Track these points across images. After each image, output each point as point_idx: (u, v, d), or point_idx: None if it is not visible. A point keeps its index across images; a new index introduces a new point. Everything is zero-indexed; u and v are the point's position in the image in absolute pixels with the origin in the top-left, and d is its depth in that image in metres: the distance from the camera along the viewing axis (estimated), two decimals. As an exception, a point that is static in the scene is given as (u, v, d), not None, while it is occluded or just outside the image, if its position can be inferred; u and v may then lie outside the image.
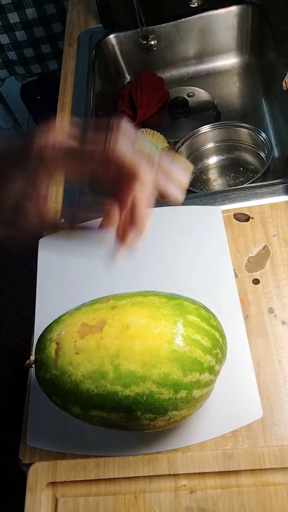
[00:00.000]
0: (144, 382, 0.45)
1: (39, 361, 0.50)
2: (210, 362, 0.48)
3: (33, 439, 0.61)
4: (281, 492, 0.52)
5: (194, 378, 0.46)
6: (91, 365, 0.46)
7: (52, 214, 0.44)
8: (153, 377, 0.45)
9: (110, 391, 0.45)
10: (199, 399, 0.49)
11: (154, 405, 0.46)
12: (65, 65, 1.11)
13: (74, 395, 0.47)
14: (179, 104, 1.05)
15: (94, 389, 0.46)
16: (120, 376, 0.45)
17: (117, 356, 0.46)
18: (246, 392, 0.58)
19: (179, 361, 0.46)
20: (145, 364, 0.45)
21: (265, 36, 1.04)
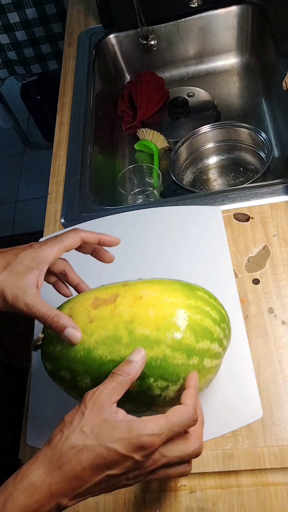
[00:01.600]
0: (158, 346, 0.45)
1: (48, 337, 0.50)
2: (219, 334, 0.49)
3: (33, 439, 0.61)
4: (281, 492, 0.52)
5: (205, 346, 0.47)
6: (106, 331, 0.47)
7: None
8: (167, 341, 0.46)
9: (124, 356, 0.46)
10: (209, 371, 0.48)
11: (167, 370, 0.45)
12: (65, 65, 1.11)
13: (85, 364, 0.47)
14: (179, 104, 1.05)
15: (107, 354, 0.46)
16: (135, 340, 0.46)
17: (131, 322, 0.46)
18: (246, 392, 0.58)
19: (191, 327, 0.47)
20: (159, 328, 0.46)
21: (265, 36, 1.04)
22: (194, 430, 0.45)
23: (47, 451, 0.40)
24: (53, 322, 0.47)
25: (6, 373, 1.03)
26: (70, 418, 0.41)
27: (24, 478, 0.38)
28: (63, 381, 0.49)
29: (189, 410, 0.43)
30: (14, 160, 2.29)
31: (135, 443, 0.39)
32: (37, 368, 0.66)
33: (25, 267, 0.48)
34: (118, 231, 0.77)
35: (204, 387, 0.51)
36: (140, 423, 0.41)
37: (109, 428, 0.40)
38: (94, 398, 0.42)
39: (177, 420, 0.42)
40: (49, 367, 0.50)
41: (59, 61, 1.64)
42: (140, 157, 1.05)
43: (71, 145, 0.93)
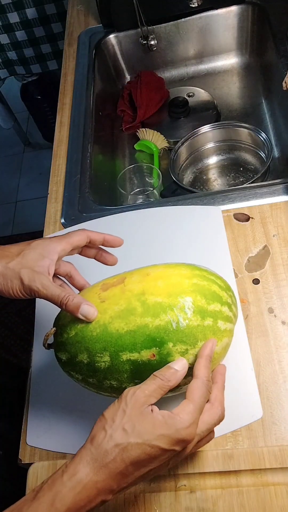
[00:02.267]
0: (172, 310, 0.47)
1: (60, 327, 0.51)
2: (227, 299, 0.50)
3: (33, 439, 0.61)
4: (281, 492, 0.52)
5: (216, 308, 0.48)
6: (118, 306, 0.48)
7: None
8: (180, 304, 0.47)
9: (140, 325, 0.47)
10: (224, 333, 0.49)
11: (184, 332, 0.46)
12: (65, 65, 1.11)
13: (103, 340, 0.47)
14: (179, 104, 1.05)
15: (124, 326, 0.47)
16: (148, 308, 0.47)
17: (142, 294, 0.48)
18: (246, 392, 0.58)
19: (200, 292, 0.48)
20: (170, 294, 0.47)
21: (265, 36, 1.04)
22: (216, 397, 0.47)
23: (91, 449, 0.41)
24: (68, 300, 0.48)
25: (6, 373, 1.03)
26: (111, 415, 0.42)
27: (72, 476, 0.40)
28: (80, 367, 0.49)
29: (203, 382, 0.45)
30: (14, 160, 2.29)
31: (176, 437, 0.41)
32: (37, 368, 0.67)
33: (38, 255, 0.51)
34: (118, 231, 0.76)
35: (223, 353, 0.51)
36: (175, 418, 0.42)
37: (149, 426, 0.41)
38: (135, 397, 0.43)
39: (199, 397, 0.44)
40: (65, 357, 0.50)
41: (59, 61, 1.64)
42: (140, 157, 1.05)
43: (71, 145, 0.93)
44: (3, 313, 1.75)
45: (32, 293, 0.49)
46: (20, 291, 0.49)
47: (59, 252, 0.52)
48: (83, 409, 0.61)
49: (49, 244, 0.52)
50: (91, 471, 0.40)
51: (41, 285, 0.49)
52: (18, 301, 1.75)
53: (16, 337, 1.69)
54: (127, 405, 0.42)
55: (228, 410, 0.57)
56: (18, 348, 1.67)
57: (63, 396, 0.63)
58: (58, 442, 0.60)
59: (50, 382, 0.64)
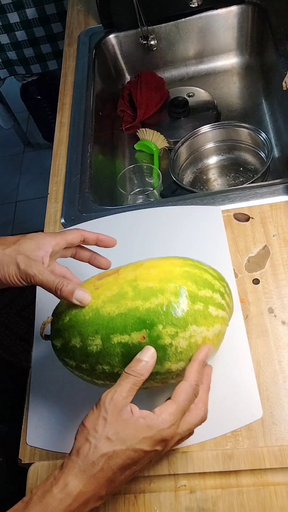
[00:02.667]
0: (162, 294, 0.48)
1: (56, 315, 0.52)
2: (220, 287, 0.51)
3: (33, 439, 0.61)
4: (281, 492, 0.52)
5: (208, 294, 0.49)
6: (111, 292, 0.49)
7: None
8: (170, 289, 0.48)
9: (131, 308, 0.47)
10: (215, 319, 0.49)
11: (174, 315, 0.47)
12: (65, 65, 1.11)
13: (95, 324, 0.48)
14: (179, 104, 1.05)
15: (115, 310, 0.48)
16: (139, 292, 0.48)
17: (135, 280, 0.49)
18: (246, 392, 0.58)
19: (191, 278, 0.49)
20: (161, 280, 0.49)
21: (265, 36, 1.04)
22: (200, 398, 0.47)
23: (77, 462, 0.42)
24: (63, 286, 0.49)
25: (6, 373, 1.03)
26: (93, 424, 0.43)
27: (62, 489, 0.41)
28: (74, 353, 0.50)
29: (191, 385, 0.45)
30: (14, 160, 2.29)
31: (157, 438, 0.43)
32: (37, 368, 0.67)
33: (33, 245, 0.53)
34: (118, 231, 0.77)
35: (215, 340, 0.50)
36: (157, 419, 0.43)
37: (132, 430, 0.42)
38: (114, 402, 0.43)
39: (184, 399, 0.45)
40: (59, 343, 0.51)
41: (59, 61, 1.64)
42: (140, 157, 1.05)
43: (71, 145, 0.93)
44: (3, 313, 1.75)
45: (28, 278, 0.50)
46: (16, 276, 0.50)
47: (54, 245, 0.54)
48: (83, 409, 0.61)
49: (44, 237, 0.54)
50: (80, 482, 0.41)
51: (37, 271, 0.50)
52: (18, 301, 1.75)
53: (16, 337, 1.70)
54: (107, 412, 0.43)
55: (228, 410, 0.57)
56: (18, 348, 1.67)
57: (63, 396, 0.63)
58: (58, 442, 0.60)
59: (50, 382, 0.64)
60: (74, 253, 0.59)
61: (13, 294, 1.78)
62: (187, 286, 0.48)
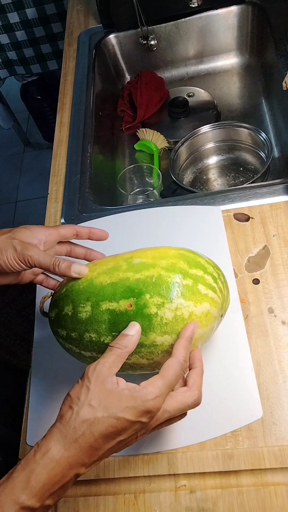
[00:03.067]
0: (153, 268, 0.50)
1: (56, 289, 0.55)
2: (213, 272, 0.52)
3: (33, 439, 0.61)
4: (281, 492, 0.52)
5: (199, 273, 0.51)
6: (107, 266, 0.52)
7: None
8: (162, 265, 0.50)
9: (122, 278, 0.50)
10: (205, 298, 0.49)
11: (162, 286, 0.48)
12: (65, 65, 1.11)
13: (87, 292, 0.51)
14: (179, 104, 1.05)
15: (107, 279, 0.51)
16: (132, 266, 0.51)
17: (130, 257, 0.52)
18: (246, 392, 0.58)
19: (184, 259, 0.51)
20: (155, 258, 0.51)
21: (265, 36, 1.04)
22: (194, 381, 0.48)
23: (60, 427, 0.43)
24: (60, 262, 0.51)
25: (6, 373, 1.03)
26: (76, 393, 0.44)
27: (44, 454, 0.41)
28: (65, 321, 0.51)
29: (179, 361, 0.46)
30: (14, 160, 2.29)
31: (141, 409, 0.43)
32: (37, 368, 0.67)
33: (27, 233, 0.55)
34: (118, 231, 0.77)
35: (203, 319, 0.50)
36: (141, 390, 0.43)
37: (115, 399, 0.43)
38: (97, 372, 0.44)
39: (171, 374, 0.45)
40: (54, 313, 0.53)
41: (59, 61, 1.64)
42: (140, 157, 1.05)
43: (71, 145, 0.93)
44: (3, 313, 1.75)
45: (26, 259, 0.52)
46: (14, 258, 0.52)
47: (47, 235, 0.56)
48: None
49: (38, 227, 0.57)
50: (62, 447, 0.42)
51: (33, 252, 0.52)
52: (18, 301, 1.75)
53: (16, 337, 1.69)
54: (90, 382, 0.44)
55: (228, 410, 0.57)
56: (18, 348, 1.67)
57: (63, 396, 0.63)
58: (58, 442, 0.60)
59: (50, 382, 0.64)
60: (69, 250, 0.61)
61: (13, 294, 1.77)
62: (179, 263, 0.50)
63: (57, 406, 0.62)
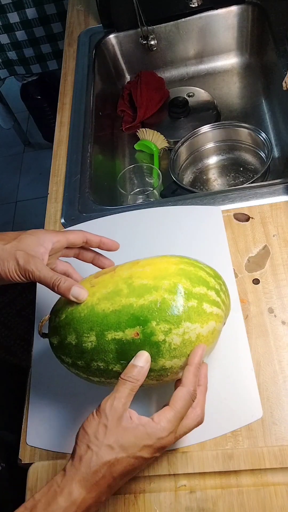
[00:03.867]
0: (156, 291, 0.48)
1: (53, 313, 0.53)
2: (215, 285, 0.51)
3: (33, 439, 0.61)
4: (281, 492, 0.52)
5: (202, 291, 0.49)
6: (106, 289, 0.50)
7: None
8: (164, 286, 0.48)
9: (125, 304, 0.48)
10: (210, 316, 0.49)
11: (167, 311, 0.47)
12: (65, 65, 1.11)
13: (89, 321, 0.49)
14: (179, 104, 1.05)
15: (109, 306, 0.48)
16: (134, 290, 0.49)
17: (130, 277, 0.50)
18: (246, 392, 0.58)
19: (186, 276, 0.49)
20: (156, 277, 0.49)
21: (265, 36, 1.04)
22: (198, 401, 0.48)
23: (81, 469, 0.43)
24: (60, 282, 0.50)
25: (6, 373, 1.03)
26: (94, 431, 0.44)
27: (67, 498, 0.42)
28: (69, 349, 0.50)
29: (189, 391, 0.46)
30: (14, 160, 2.29)
31: (157, 446, 0.44)
32: (37, 368, 0.67)
33: (34, 240, 0.53)
34: (118, 231, 0.77)
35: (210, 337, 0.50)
36: (155, 427, 0.44)
37: (132, 438, 0.43)
38: (114, 409, 0.44)
39: (182, 406, 0.45)
40: (56, 340, 0.51)
41: (59, 61, 1.64)
42: (140, 157, 1.05)
43: (71, 145, 0.93)
44: (3, 313, 1.75)
45: (27, 274, 0.51)
46: (16, 271, 0.51)
47: (54, 242, 0.54)
48: (83, 409, 0.61)
49: (45, 234, 0.54)
50: (83, 490, 0.42)
51: (35, 267, 0.50)
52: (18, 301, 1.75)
53: (16, 337, 1.69)
54: (108, 419, 0.43)
55: (228, 410, 0.57)
56: (18, 348, 1.67)
57: (63, 396, 0.63)
58: (58, 442, 0.60)
59: (50, 382, 0.64)
60: (77, 253, 0.59)
61: (13, 294, 1.78)
62: (181, 283, 0.49)
63: (57, 406, 0.62)
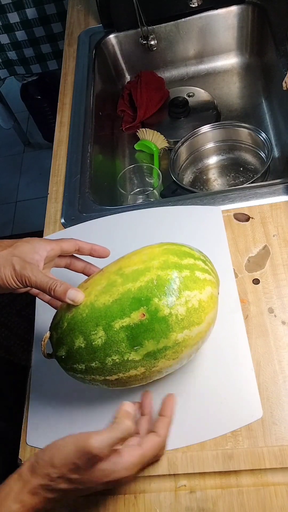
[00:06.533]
0: (149, 271, 0.50)
1: (53, 327, 0.53)
2: (200, 256, 0.54)
3: (33, 439, 0.61)
4: (281, 492, 0.52)
5: (190, 261, 0.52)
6: (100, 286, 0.51)
7: None
8: (155, 265, 0.50)
9: (124, 291, 0.49)
10: (205, 282, 0.51)
11: (165, 286, 0.49)
12: (65, 65, 1.11)
13: (93, 318, 0.49)
14: (179, 104, 1.05)
15: (109, 298, 0.49)
16: (127, 277, 0.50)
17: (120, 269, 0.51)
18: (246, 392, 0.58)
19: (171, 252, 0.52)
20: (144, 261, 0.51)
21: (265, 36, 1.04)
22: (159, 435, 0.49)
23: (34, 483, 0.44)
24: (56, 286, 0.50)
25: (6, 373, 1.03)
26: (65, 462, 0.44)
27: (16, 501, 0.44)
28: (80, 354, 0.49)
29: (163, 441, 0.48)
30: (14, 160, 2.29)
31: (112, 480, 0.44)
32: (37, 368, 0.67)
33: (29, 248, 0.54)
34: (118, 231, 0.77)
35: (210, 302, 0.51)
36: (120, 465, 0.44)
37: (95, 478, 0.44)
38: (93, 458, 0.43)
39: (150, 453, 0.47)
40: (64, 351, 0.51)
41: (59, 61, 1.64)
42: (140, 157, 1.05)
43: (71, 145, 0.93)
44: (3, 313, 1.75)
45: (23, 279, 0.51)
46: (12, 277, 0.52)
47: (49, 250, 0.55)
48: (83, 408, 0.61)
49: (40, 242, 0.55)
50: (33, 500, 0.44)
51: (31, 273, 0.51)
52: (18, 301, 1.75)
53: (16, 337, 1.70)
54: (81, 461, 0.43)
55: (228, 410, 0.57)
56: (18, 348, 1.67)
57: (63, 396, 0.63)
58: (58, 442, 0.60)
59: (50, 382, 0.64)
60: (68, 263, 0.60)
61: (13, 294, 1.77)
62: (170, 258, 0.51)
63: (57, 406, 0.62)
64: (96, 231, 0.78)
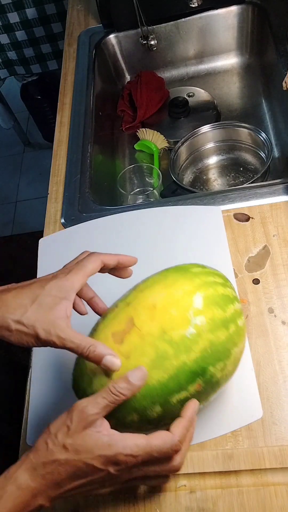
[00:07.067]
0: (200, 337, 0.46)
1: None
2: (232, 292, 0.52)
3: (33, 439, 0.61)
4: (281, 492, 0.52)
5: (232, 310, 0.49)
6: (148, 356, 0.45)
7: None
8: (203, 326, 0.46)
9: (179, 366, 0.45)
10: (243, 328, 0.51)
11: (218, 351, 0.47)
12: (65, 65, 1.11)
13: (148, 396, 0.45)
14: (179, 104, 1.05)
15: (163, 375, 0.45)
16: (178, 346, 0.45)
17: (164, 332, 0.46)
18: (246, 392, 0.58)
19: (213, 302, 0.48)
20: (187, 319, 0.46)
21: (265, 36, 1.04)
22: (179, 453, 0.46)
23: (32, 459, 0.43)
24: (89, 352, 0.45)
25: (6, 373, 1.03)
26: (56, 429, 0.44)
27: (11, 481, 0.42)
28: (131, 425, 0.47)
29: (173, 439, 0.44)
30: (14, 160, 2.29)
31: (111, 459, 0.42)
32: (37, 367, 0.67)
33: (53, 298, 0.47)
34: (118, 231, 0.77)
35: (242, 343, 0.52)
36: (120, 442, 0.43)
37: (89, 445, 0.42)
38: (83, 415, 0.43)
39: (157, 445, 0.43)
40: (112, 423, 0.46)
41: (59, 61, 1.64)
42: (140, 157, 1.05)
43: (71, 145, 0.93)
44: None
45: (47, 344, 0.46)
46: (33, 344, 0.47)
47: (77, 289, 0.48)
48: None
49: (65, 283, 0.48)
50: (29, 478, 0.42)
51: (57, 338, 0.45)
52: (18, 301, 1.75)
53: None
54: (72, 422, 0.43)
55: (228, 410, 0.57)
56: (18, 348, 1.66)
57: (63, 396, 0.63)
58: (58, 442, 0.60)
59: (50, 382, 0.64)
60: None
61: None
62: (216, 315, 0.47)
63: (57, 406, 0.62)
64: (96, 231, 0.78)
